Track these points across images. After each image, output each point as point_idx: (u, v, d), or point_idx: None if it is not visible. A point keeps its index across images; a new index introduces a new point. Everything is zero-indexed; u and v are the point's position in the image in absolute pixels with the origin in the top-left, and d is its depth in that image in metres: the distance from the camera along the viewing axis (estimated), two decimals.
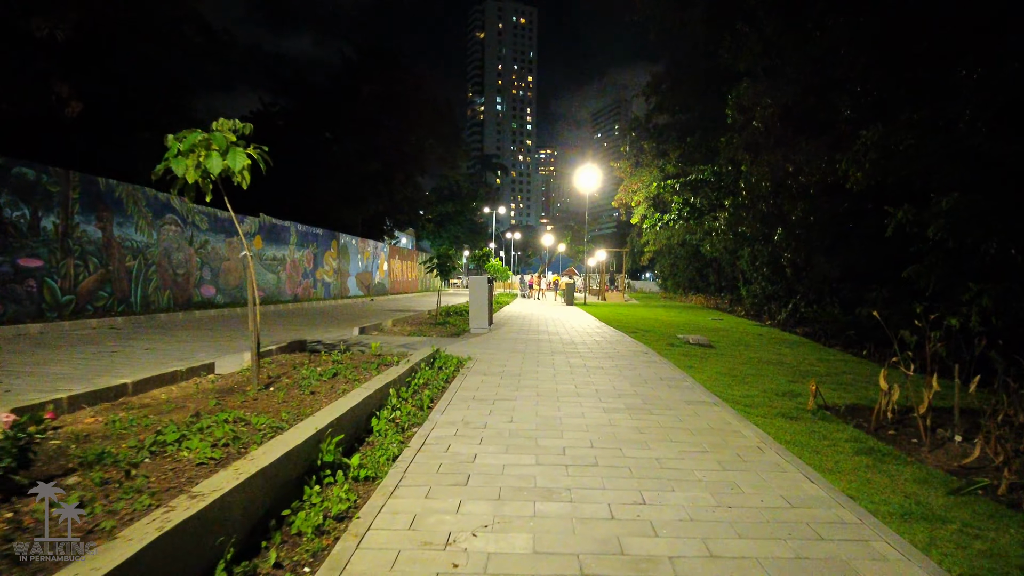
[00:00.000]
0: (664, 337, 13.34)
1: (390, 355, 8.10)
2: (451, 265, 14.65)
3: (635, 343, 11.53)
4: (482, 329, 12.55)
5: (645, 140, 33.55)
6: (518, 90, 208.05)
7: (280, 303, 21.19)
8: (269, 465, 3.01)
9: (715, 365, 9.35)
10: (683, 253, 39.76)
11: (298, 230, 24.11)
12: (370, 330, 12.20)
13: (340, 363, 7.10)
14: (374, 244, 33.47)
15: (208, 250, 18.00)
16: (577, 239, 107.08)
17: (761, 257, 24.70)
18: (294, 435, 3.59)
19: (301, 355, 7.94)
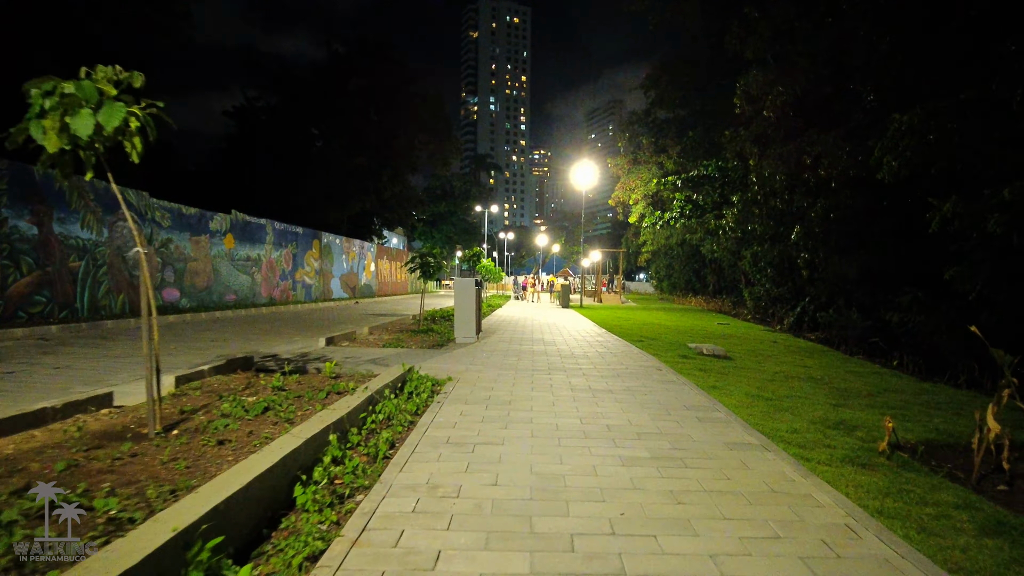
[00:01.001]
0: (673, 346, 11.93)
1: (351, 376, 6.63)
2: (436, 266, 13.19)
3: (643, 355, 10.09)
4: (469, 339, 11.08)
5: (644, 135, 32.17)
6: (512, 90, 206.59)
7: (254, 307, 19.67)
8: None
9: (740, 383, 7.93)
10: (681, 253, 38.40)
11: (275, 228, 22.57)
12: (340, 340, 10.71)
13: (284, 389, 5.64)
14: (360, 244, 31.92)
15: (171, 249, 16.46)
16: (571, 239, 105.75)
17: (765, 257, 23.37)
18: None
19: (241, 376, 6.46)
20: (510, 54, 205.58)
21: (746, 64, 21.09)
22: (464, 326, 11.01)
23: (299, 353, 9.03)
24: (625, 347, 11.15)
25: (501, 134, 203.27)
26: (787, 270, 22.40)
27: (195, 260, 17.52)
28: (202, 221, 17.96)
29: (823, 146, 14.57)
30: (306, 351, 9.32)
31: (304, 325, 15.29)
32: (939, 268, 11.42)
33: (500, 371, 7.89)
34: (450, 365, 8.28)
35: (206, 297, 18.05)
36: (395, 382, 6.22)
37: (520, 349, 10.36)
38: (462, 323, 11.02)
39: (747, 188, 19.52)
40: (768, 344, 14.18)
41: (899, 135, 10.91)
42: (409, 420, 5.18)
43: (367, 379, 6.49)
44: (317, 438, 3.98)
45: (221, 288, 18.95)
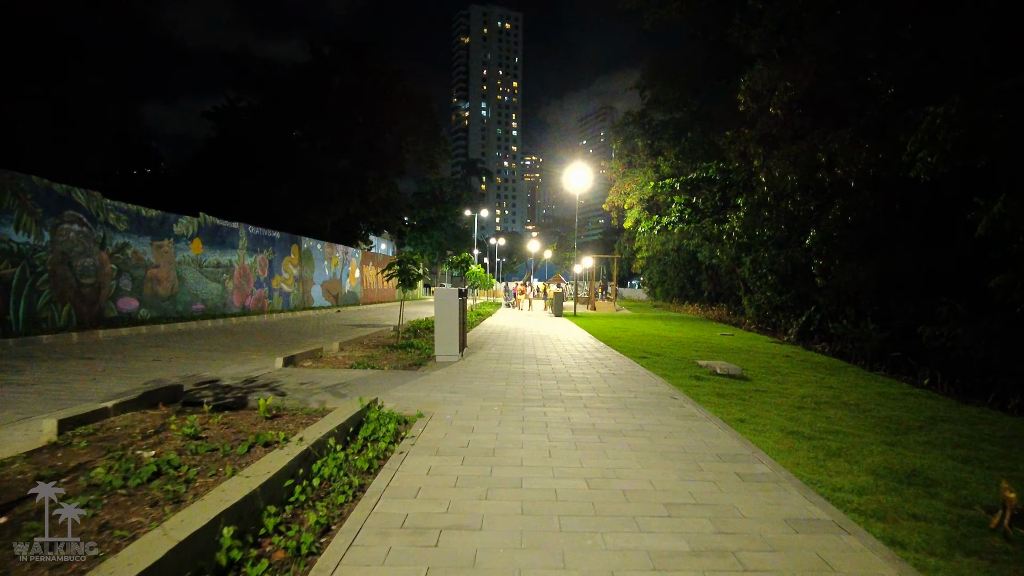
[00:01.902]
0: (681, 364, 10.65)
1: (294, 414, 5.30)
2: (416, 272, 11.84)
3: (651, 376, 8.79)
4: (451, 357, 9.75)
5: (639, 137, 30.96)
6: (503, 96, 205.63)
7: (225, 317, 18.24)
8: None
9: (769, 413, 6.68)
10: (678, 260, 37.18)
11: (249, 233, 21.16)
12: (303, 360, 9.35)
13: (199, 437, 4.32)
14: (344, 249, 30.53)
15: (128, 255, 15.05)
16: (564, 245, 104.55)
17: (767, 264, 22.20)
18: None
19: (158, 414, 5.12)
20: (502, 60, 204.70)
21: (749, 60, 19.93)
22: (445, 342, 9.68)
23: (247, 377, 7.67)
24: (629, 366, 9.84)
25: (493, 140, 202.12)
26: (790, 277, 21.22)
27: (157, 267, 16.11)
28: (165, 225, 16.55)
29: (839, 143, 13.37)
30: (256, 374, 7.97)
31: (273, 338, 13.91)
32: (977, 276, 10.22)
33: (484, 402, 6.56)
34: (425, 393, 6.94)
35: (169, 307, 16.62)
36: (348, 424, 4.88)
37: (510, 369, 9.04)
38: (443, 339, 9.69)
39: (753, 190, 18.30)
40: (780, 359, 12.94)
41: (934, 128, 9.71)
42: (356, 486, 3.84)
43: (314, 418, 5.16)
44: (204, 534, 2.65)
45: (187, 297, 17.53)
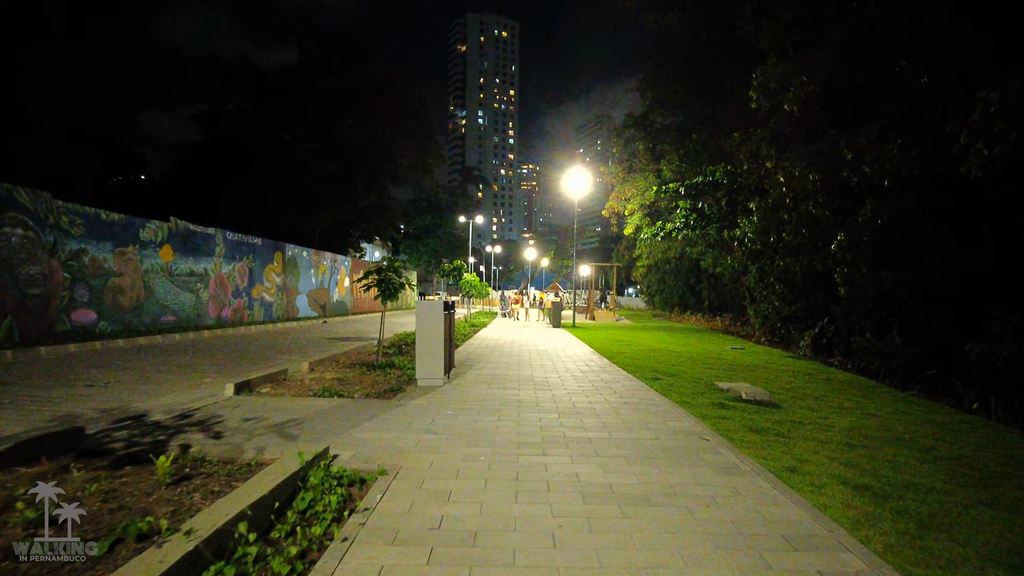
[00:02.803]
0: (698, 385, 9.34)
1: (215, 469, 3.96)
2: (397, 281, 10.50)
3: (669, 405, 7.45)
4: (435, 380, 8.40)
5: (640, 140, 29.73)
6: (500, 104, 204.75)
7: (198, 329, 16.86)
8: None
9: (818, 456, 5.46)
10: (680, 267, 35.84)
11: (227, 239, 19.80)
12: (261, 384, 7.99)
13: (55, 521, 2.96)
14: (332, 257, 29.16)
15: (84, 262, 13.68)
16: (561, 253, 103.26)
17: (773, 272, 20.95)
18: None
19: (32, 472, 3.77)
20: (498, 68, 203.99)
21: (760, 56, 18.71)
22: (428, 364, 8.34)
23: (184, 410, 6.32)
24: (642, 391, 8.50)
25: (489, 148, 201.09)
26: (800, 286, 19.96)
27: (119, 275, 14.73)
28: (130, 230, 15.19)
29: (867, 139, 12.11)
30: (198, 405, 6.61)
31: (241, 355, 12.54)
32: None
33: (468, 448, 5.19)
34: (395, 434, 5.59)
35: (134, 319, 15.24)
36: (276, 493, 3.53)
37: (503, 397, 7.68)
38: (426, 360, 8.34)
39: (765, 194, 17.07)
40: (802, 377, 11.65)
41: (988, 116, 8.45)
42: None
43: (235, 480, 3.82)
44: None
45: (155, 308, 16.15)
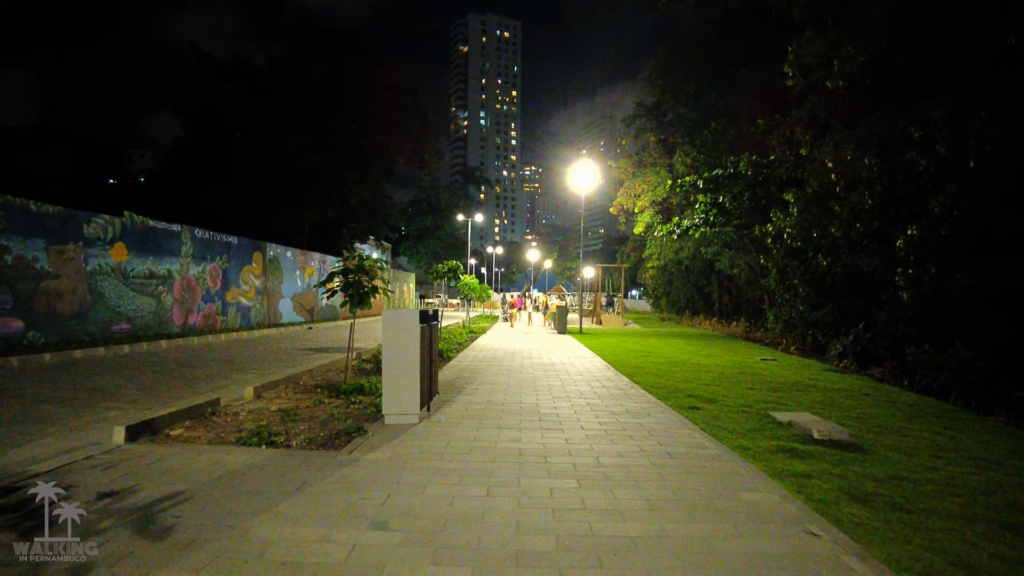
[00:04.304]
0: (748, 417, 7.32)
1: None
2: (368, 285, 8.41)
3: (733, 459, 5.33)
4: (407, 417, 6.31)
5: (652, 132, 27.59)
6: (502, 105, 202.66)
7: (159, 338, 14.82)
8: None
9: (983, 557, 3.32)
10: (692, 268, 33.63)
11: (195, 237, 17.73)
12: (175, 422, 5.91)
13: None
14: (321, 258, 27.09)
15: (8, 262, 11.59)
16: (564, 255, 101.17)
17: (795, 273, 18.92)
18: None
19: None
20: (500, 69, 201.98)
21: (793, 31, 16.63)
22: (398, 395, 6.24)
23: (27, 472, 4.24)
24: (685, 431, 6.38)
25: (492, 149, 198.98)
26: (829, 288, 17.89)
27: (55, 277, 12.67)
28: (69, 225, 13.13)
29: (942, 113, 10.01)
30: (56, 464, 4.51)
31: (186, 373, 10.48)
32: None
33: (433, 568, 3.12)
34: (321, 531, 3.49)
35: (76, 328, 13.18)
36: None
37: (497, 446, 5.58)
38: (395, 390, 6.24)
39: (802, 183, 15.00)
40: (859, 398, 9.62)
41: None
42: None
43: None
44: None
45: (105, 315, 14.10)
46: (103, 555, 3.07)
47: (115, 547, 3.18)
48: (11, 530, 3.30)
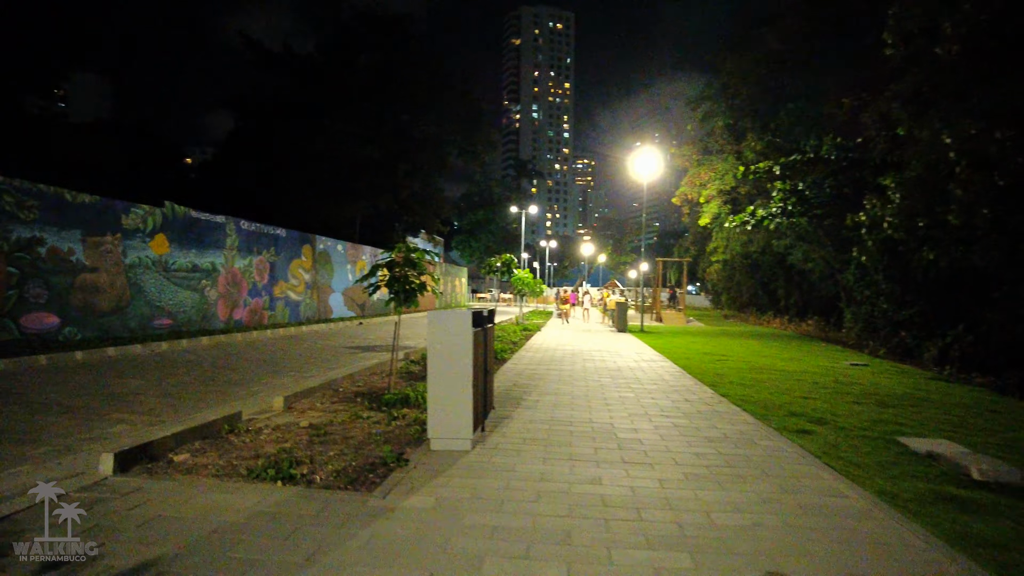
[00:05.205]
0: (879, 447, 5.93)
1: None
2: (416, 281, 7.32)
3: (875, 508, 3.98)
4: (457, 442, 5.16)
5: (720, 116, 25.75)
6: (555, 97, 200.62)
7: (200, 334, 14.19)
8: None
9: None
10: (763, 263, 31.53)
11: (241, 229, 17.11)
12: (182, 444, 4.91)
13: None
14: (372, 251, 26.40)
15: (40, 255, 11.05)
16: (619, 249, 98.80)
17: (879, 268, 17.07)
18: None
19: None
20: (553, 61, 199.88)
21: None
22: (446, 415, 5.11)
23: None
24: (804, 467, 5.03)
25: (544, 142, 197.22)
26: (919, 286, 16.01)
27: (92, 271, 12.09)
28: (107, 215, 12.54)
29: None
30: (7, 511, 3.55)
31: (217, 375, 9.65)
32: None
33: None
34: None
35: (115, 323, 12.61)
36: None
37: (571, 489, 4.35)
38: (443, 408, 5.11)
39: (902, 166, 13.24)
40: (989, 416, 8.05)
41: None
42: None
43: None
44: None
45: (145, 310, 13.52)
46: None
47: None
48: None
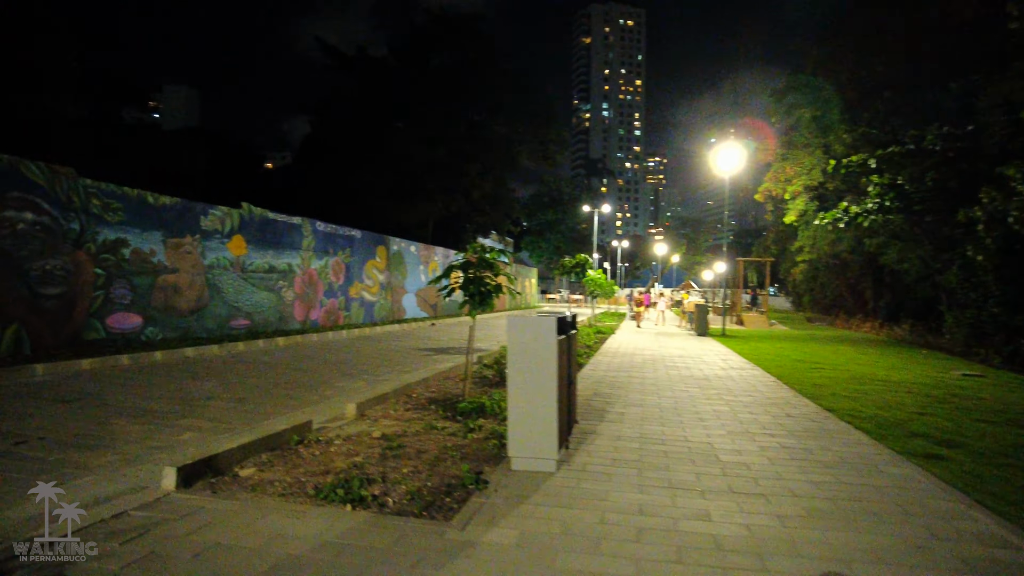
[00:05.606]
0: (1017, 470, 5.00)
1: None
2: (492, 283, 6.87)
3: None
4: (541, 462, 4.64)
5: (806, 107, 24.23)
6: (625, 95, 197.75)
7: (276, 335, 14.28)
8: None
9: None
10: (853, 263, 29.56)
11: (316, 230, 17.22)
12: (247, 457, 4.60)
13: None
14: (444, 252, 26.33)
15: (125, 256, 11.27)
16: (693, 248, 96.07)
17: (988, 269, 15.48)
18: None
19: None
20: (624, 58, 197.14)
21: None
22: (528, 431, 4.61)
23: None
24: (942, 496, 4.22)
25: (614, 141, 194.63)
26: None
27: (173, 271, 12.30)
28: (187, 217, 12.75)
29: None
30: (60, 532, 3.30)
31: (293, 377, 9.51)
32: None
33: None
34: None
35: (194, 324, 12.80)
36: None
37: (678, 528, 3.75)
38: (524, 424, 4.62)
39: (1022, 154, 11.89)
40: None
41: None
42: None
43: None
44: None
45: (223, 311, 13.70)
46: None
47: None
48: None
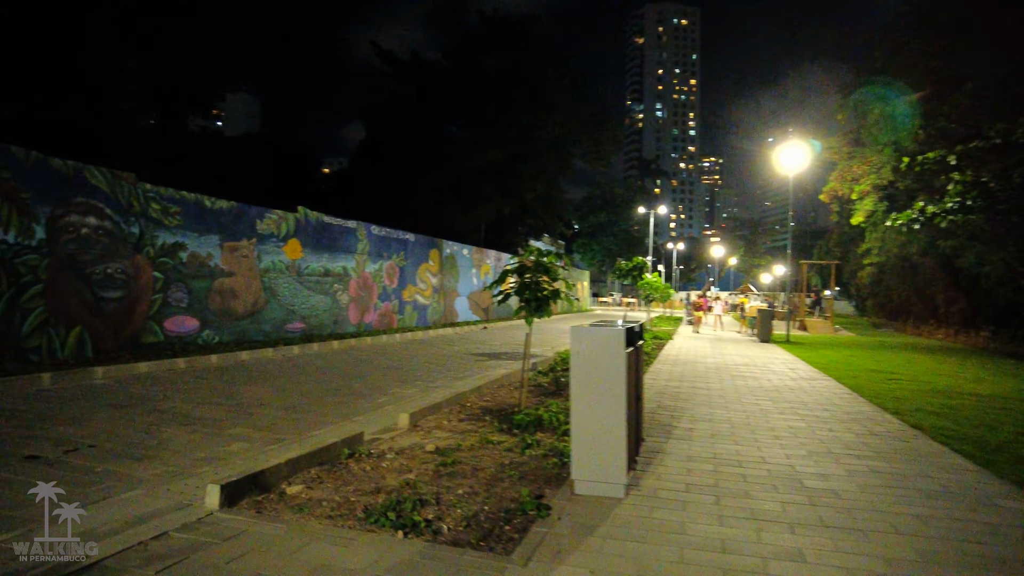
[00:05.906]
0: None
1: None
2: (548, 289, 6.52)
3: None
4: (607, 486, 4.26)
5: (876, 102, 22.99)
6: (680, 95, 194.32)
7: (331, 338, 14.27)
8: None
9: None
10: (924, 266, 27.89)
11: (372, 234, 17.22)
12: (296, 473, 4.37)
13: None
14: (496, 256, 26.12)
15: (182, 260, 11.37)
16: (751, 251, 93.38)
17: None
18: None
19: None
20: (678, 58, 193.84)
21: None
22: (594, 451, 4.23)
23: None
24: None
25: (668, 141, 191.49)
26: None
27: (229, 275, 12.39)
28: (243, 220, 12.83)
29: None
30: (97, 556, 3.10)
31: (345, 382, 9.37)
32: None
33: None
34: None
35: (250, 327, 12.87)
36: None
37: (766, 569, 3.33)
38: (589, 443, 4.24)
39: None
40: None
41: None
42: None
43: None
44: None
45: (279, 314, 13.76)
46: None
47: None
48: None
